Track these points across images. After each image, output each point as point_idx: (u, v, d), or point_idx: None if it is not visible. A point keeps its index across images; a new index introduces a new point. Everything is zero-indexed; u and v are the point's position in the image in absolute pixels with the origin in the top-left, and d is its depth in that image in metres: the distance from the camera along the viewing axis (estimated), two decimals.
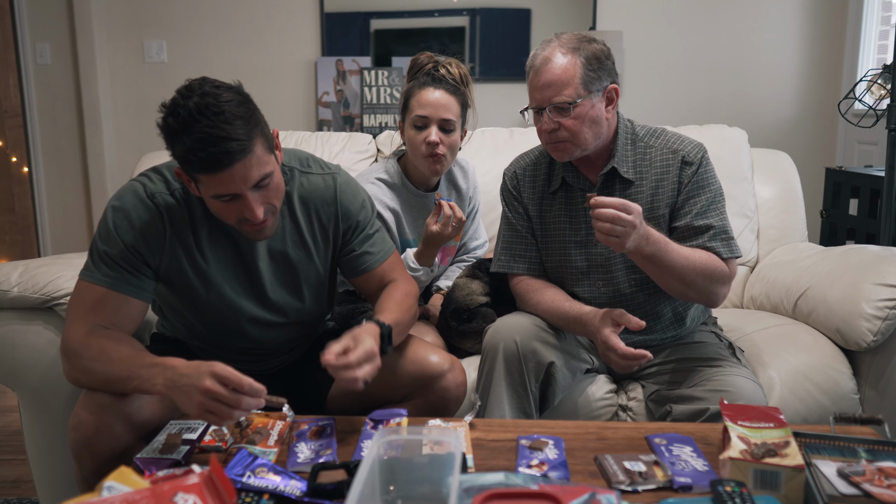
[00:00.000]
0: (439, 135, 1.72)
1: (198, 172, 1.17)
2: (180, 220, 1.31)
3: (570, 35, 1.48)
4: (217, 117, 1.13)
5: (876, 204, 2.60)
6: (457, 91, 1.76)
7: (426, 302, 1.89)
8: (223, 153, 1.13)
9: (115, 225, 1.28)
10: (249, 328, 1.43)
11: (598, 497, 0.88)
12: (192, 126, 1.12)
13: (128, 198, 1.30)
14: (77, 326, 1.24)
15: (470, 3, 3.64)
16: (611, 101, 1.50)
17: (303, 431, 1.25)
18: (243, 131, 1.15)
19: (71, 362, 1.22)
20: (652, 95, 3.64)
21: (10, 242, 3.89)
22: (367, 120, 3.60)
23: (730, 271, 1.48)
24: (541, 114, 1.47)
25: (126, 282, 1.28)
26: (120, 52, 3.71)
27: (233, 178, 1.17)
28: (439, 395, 1.39)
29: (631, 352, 1.37)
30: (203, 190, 1.22)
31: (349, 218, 1.43)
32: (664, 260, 1.39)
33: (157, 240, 1.30)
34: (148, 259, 1.30)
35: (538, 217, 1.62)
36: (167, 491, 0.83)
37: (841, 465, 1.05)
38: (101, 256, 1.28)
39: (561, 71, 1.43)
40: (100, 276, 1.27)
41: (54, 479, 1.67)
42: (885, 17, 3.31)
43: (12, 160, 3.79)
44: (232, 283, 1.38)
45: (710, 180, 1.52)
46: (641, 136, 1.56)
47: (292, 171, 1.40)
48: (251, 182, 1.19)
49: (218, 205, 1.22)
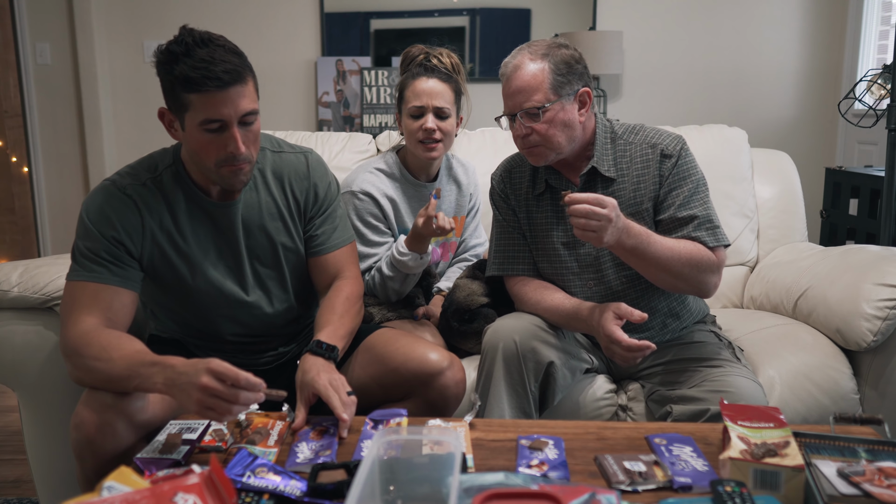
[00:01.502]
0: (435, 121, 1.77)
1: (194, 92, 1.21)
2: (155, 204, 1.34)
3: (541, 42, 1.52)
4: (219, 48, 1.23)
5: (876, 204, 2.60)
6: (450, 79, 1.81)
7: (427, 302, 1.90)
8: (224, 72, 1.21)
9: (91, 221, 1.30)
10: (238, 310, 1.44)
11: (598, 497, 0.88)
12: (195, 51, 1.21)
13: (99, 196, 1.33)
14: (74, 326, 1.24)
15: (470, 3, 3.64)
16: (584, 105, 1.52)
17: (305, 431, 1.25)
18: (240, 62, 1.25)
19: (73, 361, 1.22)
20: (652, 95, 3.64)
21: (10, 242, 3.89)
22: (367, 120, 3.60)
23: (717, 259, 1.48)
24: (514, 120, 1.50)
25: (113, 273, 1.29)
26: (120, 52, 3.71)
27: (226, 100, 1.22)
28: (439, 393, 1.39)
29: (635, 343, 1.37)
30: (191, 119, 1.24)
31: (318, 195, 1.47)
32: (648, 252, 1.40)
33: (135, 228, 1.32)
34: (130, 248, 1.32)
35: (527, 220, 1.64)
36: (167, 491, 0.83)
37: (841, 465, 1.05)
38: (84, 254, 1.29)
39: (530, 77, 1.47)
40: (86, 273, 1.28)
41: (54, 479, 1.67)
42: (885, 17, 3.31)
43: (12, 160, 3.79)
44: (214, 260, 1.40)
45: (691, 171, 1.53)
46: (620, 134, 1.58)
47: (263, 150, 1.45)
48: (241, 111, 1.24)
49: (202, 138, 1.26)
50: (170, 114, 1.29)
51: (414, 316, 1.81)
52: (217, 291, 1.41)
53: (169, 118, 1.30)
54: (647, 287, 1.56)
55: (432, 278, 1.93)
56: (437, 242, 1.94)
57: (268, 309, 1.47)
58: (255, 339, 1.50)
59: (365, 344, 1.50)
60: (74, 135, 3.75)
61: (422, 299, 1.89)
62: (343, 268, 1.50)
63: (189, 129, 1.27)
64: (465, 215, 2.01)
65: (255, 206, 1.42)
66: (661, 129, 1.59)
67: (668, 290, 1.52)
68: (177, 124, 1.29)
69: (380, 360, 1.45)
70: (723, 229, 1.52)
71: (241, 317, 1.45)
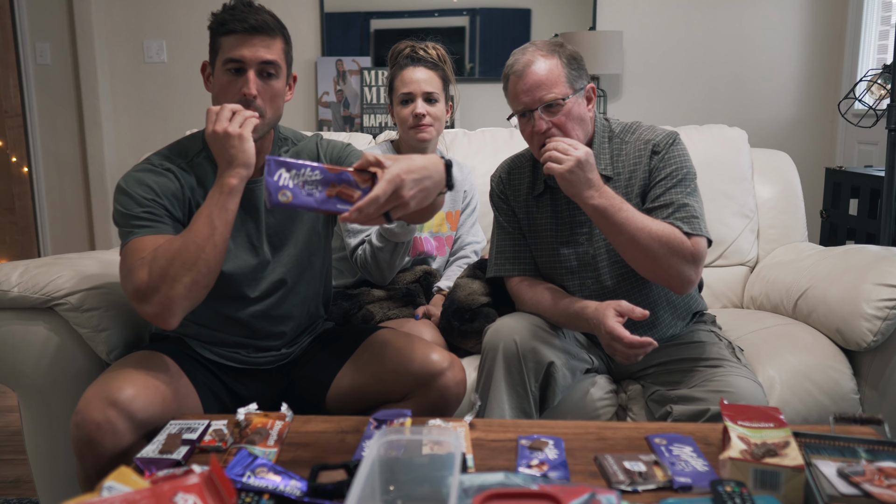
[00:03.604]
0: (425, 106, 1.85)
1: (224, 34, 1.34)
2: (192, 183, 1.39)
3: (544, 41, 1.53)
4: (261, 9, 1.36)
5: (876, 204, 2.60)
6: (437, 67, 1.89)
7: (428, 302, 1.90)
8: (255, 20, 1.33)
9: (132, 191, 1.33)
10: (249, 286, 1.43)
11: (598, 497, 0.88)
12: (240, 6, 1.35)
13: (137, 172, 1.37)
14: (137, 271, 1.24)
15: (470, 3, 3.64)
16: (590, 100, 1.54)
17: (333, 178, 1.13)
18: (274, 22, 1.36)
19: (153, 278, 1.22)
20: (652, 95, 3.64)
21: (10, 242, 3.89)
22: (367, 120, 3.60)
23: (693, 248, 1.45)
24: (529, 116, 1.48)
25: (164, 223, 1.33)
26: (120, 52, 3.71)
27: (249, 44, 1.32)
28: (439, 393, 1.39)
29: (637, 340, 1.37)
30: (218, 62, 1.35)
31: (334, 154, 1.53)
32: (617, 218, 1.41)
33: (175, 195, 1.37)
34: (172, 211, 1.36)
35: (526, 220, 1.64)
36: (167, 491, 0.83)
37: (841, 465, 1.05)
38: (132, 218, 1.32)
39: (547, 71, 1.47)
40: (138, 231, 1.30)
41: (54, 479, 1.67)
42: (885, 17, 3.31)
43: (12, 160, 3.79)
44: (240, 241, 1.42)
45: (677, 162, 1.52)
46: (617, 133, 1.59)
47: (287, 139, 1.52)
48: (260, 57, 1.33)
49: (223, 79, 1.35)
50: (208, 65, 1.41)
51: (414, 315, 1.81)
52: (237, 269, 1.41)
53: (207, 70, 1.42)
54: (640, 283, 1.56)
55: (433, 277, 1.93)
56: (431, 234, 1.95)
57: (281, 286, 1.47)
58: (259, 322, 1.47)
59: (365, 344, 1.50)
60: (74, 135, 3.75)
61: (422, 298, 1.90)
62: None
63: (216, 73, 1.37)
64: (461, 211, 2.02)
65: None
66: (657, 126, 1.60)
67: (644, 273, 1.49)
68: (210, 75, 1.40)
69: (380, 360, 1.45)
70: (704, 223, 1.50)
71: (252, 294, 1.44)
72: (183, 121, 3.53)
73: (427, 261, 1.98)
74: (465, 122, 3.58)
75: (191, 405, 1.37)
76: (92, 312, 1.57)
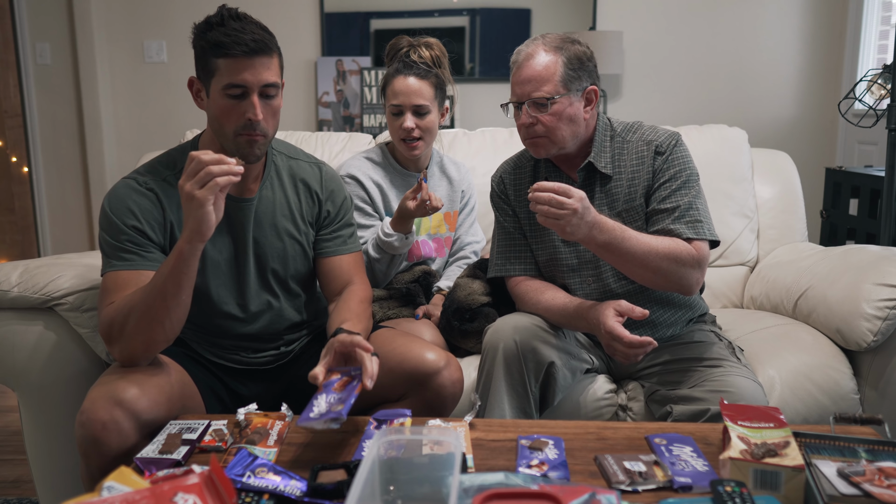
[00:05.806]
0: (414, 119, 1.81)
1: (222, 57, 1.29)
2: (176, 199, 1.37)
3: (555, 35, 1.52)
4: (252, 23, 1.32)
5: (876, 204, 2.60)
6: (428, 74, 1.83)
7: (427, 302, 1.90)
8: (251, 40, 1.29)
9: (113, 213, 1.34)
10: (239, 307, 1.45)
11: (598, 497, 0.88)
12: (229, 22, 1.30)
13: (121, 190, 1.37)
14: (105, 308, 1.29)
15: (470, 3, 3.64)
16: (590, 102, 1.53)
17: (331, 381, 1.22)
18: (269, 38, 1.33)
19: (113, 331, 1.25)
20: (652, 95, 3.64)
21: (10, 242, 3.89)
22: (367, 120, 3.60)
23: (697, 254, 1.46)
24: (520, 108, 1.51)
25: (144, 258, 1.33)
26: (120, 52, 3.71)
27: (250, 67, 1.29)
28: (435, 393, 1.39)
29: (636, 339, 1.38)
30: (216, 84, 1.31)
31: (335, 204, 1.52)
32: (622, 248, 1.41)
33: (156, 220, 1.36)
34: (152, 237, 1.35)
35: (527, 219, 1.64)
36: (167, 491, 0.83)
37: (841, 465, 1.05)
38: (112, 246, 1.33)
39: (542, 68, 1.47)
40: (118, 263, 1.32)
41: (54, 479, 1.67)
42: (885, 17, 3.31)
43: (12, 160, 3.79)
44: (225, 256, 1.42)
45: (681, 164, 1.53)
46: (619, 132, 1.59)
47: (279, 153, 1.50)
48: (263, 80, 1.31)
49: (224, 103, 1.31)
50: (198, 82, 1.37)
51: (414, 315, 1.81)
52: (222, 287, 1.43)
53: (197, 86, 1.37)
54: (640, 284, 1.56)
55: (432, 277, 1.93)
56: (429, 236, 1.95)
57: (269, 308, 1.48)
58: (254, 338, 1.50)
59: None
60: (74, 135, 3.75)
61: (422, 298, 1.90)
62: (354, 273, 1.53)
63: (213, 95, 1.33)
64: (459, 211, 2.02)
65: (270, 203, 1.46)
66: (659, 126, 1.60)
67: (650, 286, 1.52)
68: (203, 93, 1.36)
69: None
70: (709, 224, 1.51)
71: (242, 315, 1.46)
72: (183, 121, 3.53)
73: (427, 261, 1.98)
74: (465, 122, 3.58)
75: (194, 405, 1.37)
76: (92, 312, 1.58)
